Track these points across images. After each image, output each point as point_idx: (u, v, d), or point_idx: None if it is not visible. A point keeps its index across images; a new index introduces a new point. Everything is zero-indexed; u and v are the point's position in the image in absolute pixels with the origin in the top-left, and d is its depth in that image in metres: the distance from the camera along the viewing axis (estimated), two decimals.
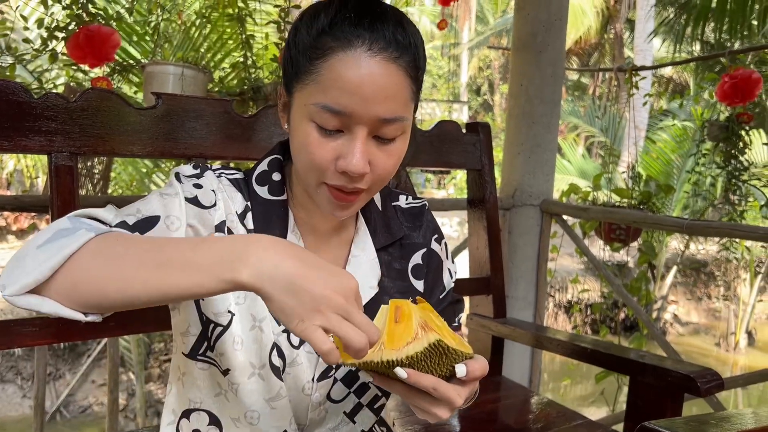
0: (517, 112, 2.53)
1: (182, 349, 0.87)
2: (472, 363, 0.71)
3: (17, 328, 1.16)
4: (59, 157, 1.21)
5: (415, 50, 0.78)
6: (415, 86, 0.80)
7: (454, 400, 0.70)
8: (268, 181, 0.88)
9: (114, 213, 0.76)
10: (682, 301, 10.73)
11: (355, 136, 0.76)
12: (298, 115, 0.79)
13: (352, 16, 0.76)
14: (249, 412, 0.85)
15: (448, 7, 2.61)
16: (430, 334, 0.68)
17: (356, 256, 0.93)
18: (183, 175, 0.84)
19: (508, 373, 2.44)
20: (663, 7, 5.12)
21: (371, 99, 0.74)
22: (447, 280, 1.02)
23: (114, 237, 0.67)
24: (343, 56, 0.74)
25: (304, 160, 0.79)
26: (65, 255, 0.63)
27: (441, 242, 1.03)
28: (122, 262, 0.64)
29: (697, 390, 1.32)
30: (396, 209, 1.00)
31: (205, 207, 0.82)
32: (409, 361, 0.68)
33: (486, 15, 22.47)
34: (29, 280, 0.63)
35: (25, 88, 1.19)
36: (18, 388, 5.97)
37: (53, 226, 0.68)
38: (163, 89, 1.90)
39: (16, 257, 0.66)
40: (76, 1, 1.88)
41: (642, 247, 2.65)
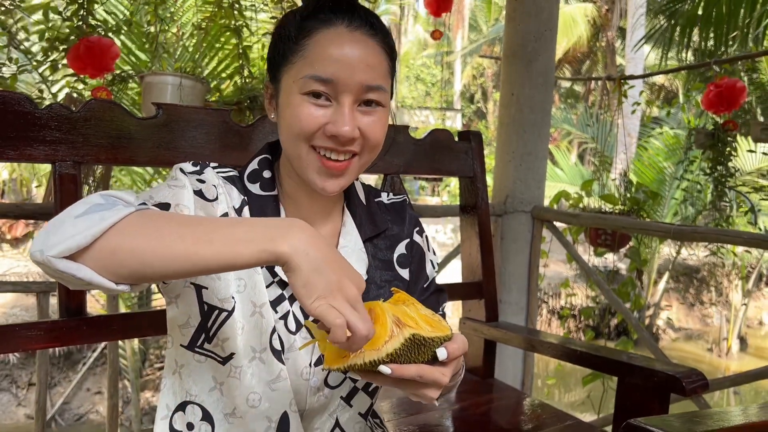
0: (508, 121, 2.58)
1: (181, 341, 0.90)
2: (450, 344, 0.76)
3: (22, 332, 1.19)
4: (63, 165, 1.24)
5: (387, 36, 0.88)
6: (390, 65, 0.88)
7: (440, 380, 0.75)
8: (260, 178, 0.94)
9: (133, 197, 0.79)
10: (675, 306, 10.79)
11: (342, 103, 0.83)
12: (287, 93, 0.86)
13: (331, 4, 0.85)
14: (251, 394, 0.89)
15: (440, 18, 2.66)
16: (404, 330, 0.73)
17: (344, 246, 0.98)
18: (186, 171, 0.89)
19: (501, 376, 2.47)
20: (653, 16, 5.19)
21: (355, 66, 0.82)
22: (429, 270, 1.09)
23: (153, 212, 0.72)
24: (326, 32, 0.83)
25: (295, 129, 0.85)
26: (107, 225, 0.67)
27: (422, 235, 1.09)
28: (164, 235, 0.68)
29: (682, 390, 1.36)
30: (379, 204, 1.07)
31: (209, 200, 0.87)
32: (390, 358, 0.72)
33: (479, 23, 22.60)
34: (71, 244, 0.65)
35: (30, 99, 1.22)
36: (13, 397, 5.96)
37: (88, 200, 0.71)
38: (162, 99, 1.93)
39: (51, 224, 0.68)
40: (77, 13, 1.92)
41: (628, 253, 2.69)
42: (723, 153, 2.63)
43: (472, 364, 1.91)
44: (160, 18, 2.10)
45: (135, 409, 4.82)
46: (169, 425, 0.93)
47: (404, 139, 1.74)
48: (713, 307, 10.77)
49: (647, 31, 4.83)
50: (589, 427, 1.61)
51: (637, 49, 7.52)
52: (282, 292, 0.92)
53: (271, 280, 0.92)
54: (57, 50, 1.93)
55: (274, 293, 0.92)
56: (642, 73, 9.49)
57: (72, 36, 1.93)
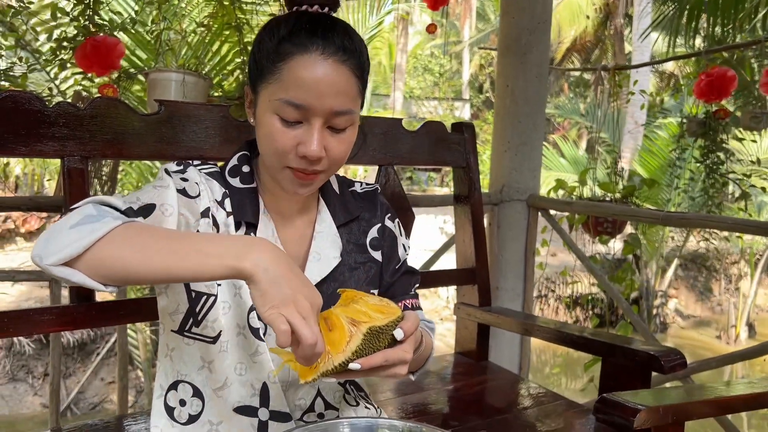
0: (504, 112, 2.64)
1: (171, 327, 1.01)
2: (404, 324, 0.85)
3: (36, 316, 1.27)
4: (71, 160, 1.32)
5: (359, 55, 0.94)
6: (360, 85, 0.95)
7: (404, 357, 0.84)
8: (239, 173, 1.03)
9: (122, 201, 0.88)
10: (684, 294, 10.80)
11: (312, 126, 0.91)
12: (263, 109, 0.93)
13: (307, 26, 0.91)
14: (238, 364, 1.00)
15: (437, 11, 2.72)
16: (361, 327, 0.82)
17: (320, 232, 1.08)
18: (170, 170, 0.98)
19: (498, 361, 2.55)
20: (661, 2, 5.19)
21: (325, 94, 0.89)
22: (401, 253, 1.18)
23: (137, 226, 0.81)
24: (300, 59, 0.89)
25: (269, 147, 0.94)
26: (97, 236, 0.76)
27: (394, 220, 1.18)
28: (145, 247, 0.77)
29: (661, 368, 1.42)
30: (353, 193, 1.16)
31: (191, 197, 0.96)
32: (356, 355, 0.81)
33: (487, 12, 22.52)
34: (65, 254, 0.75)
35: (40, 98, 1.29)
36: (29, 387, 6.10)
37: (81, 211, 0.80)
38: (166, 95, 2.01)
39: (49, 232, 0.78)
40: (83, 13, 2.00)
41: (627, 239, 2.75)
42: (715, 141, 2.69)
43: (466, 348, 1.98)
44: (164, 16, 2.17)
45: (148, 398, 4.94)
46: (164, 403, 1.04)
47: (398, 131, 1.81)
48: (722, 294, 10.78)
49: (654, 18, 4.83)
50: (578, 406, 1.67)
51: (644, 38, 7.51)
52: None
53: None
54: (65, 49, 2.01)
55: None
56: (649, 60, 9.46)
57: (79, 35, 2.01)
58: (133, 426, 1.37)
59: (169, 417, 1.03)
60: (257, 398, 1.00)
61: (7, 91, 1.26)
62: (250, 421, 1.00)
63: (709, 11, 3.84)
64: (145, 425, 1.37)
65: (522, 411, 1.60)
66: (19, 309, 1.29)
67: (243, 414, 1.00)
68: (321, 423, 0.89)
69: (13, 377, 6.06)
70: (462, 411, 1.60)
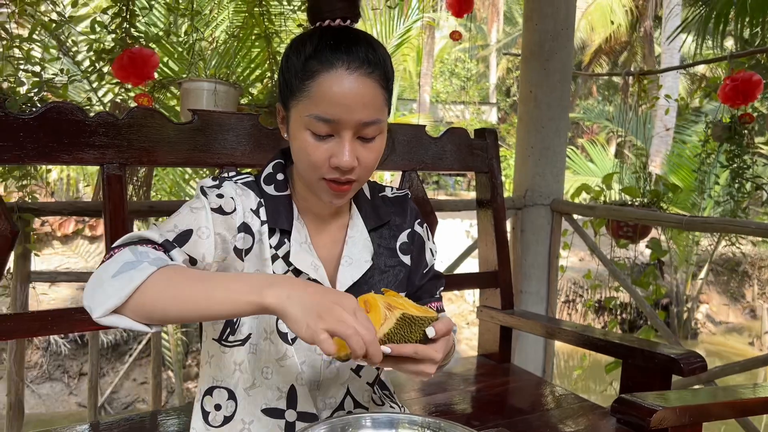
0: (527, 117, 2.67)
1: (212, 335, 1.08)
2: (437, 324, 0.89)
3: (77, 315, 1.35)
4: (110, 167, 1.39)
5: (384, 66, 0.98)
6: (386, 94, 0.99)
7: (434, 356, 0.88)
8: (274, 181, 1.08)
9: (158, 233, 0.94)
10: (716, 300, 10.61)
11: (343, 138, 0.95)
12: (296, 125, 0.98)
13: (331, 42, 0.95)
14: (265, 368, 1.05)
15: (462, 18, 2.76)
16: (395, 312, 0.86)
17: (352, 236, 1.12)
18: (206, 187, 1.02)
19: (522, 363, 2.57)
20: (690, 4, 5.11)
21: (353, 107, 0.93)
22: (429, 257, 1.22)
23: (170, 270, 0.86)
24: (327, 75, 0.93)
25: (304, 161, 0.99)
26: (135, 285, 0.81)
27: (423, 225, 1.22)
28: (178, 293, 0.83)
29: (680, 371, 1.44)
30: (383, 198, 1.20)
31: (227, 213, 1.00)
32: (388, 338, 0.85)
33: (515, 15, 22.42)
34: (109, 305, 0.81)
35: (81, 108, 1.37)
36: (65, 386, 6.26)
37: (120, 258, 0.86)
38: (198, 104, 2.08)
39: (94, 284, 0.85)
40: (120, 26, 2.09)
41: (650, 244, 2.75)
42: (741, 145, 2.68)
43: (489, 350, 2.01)
44: (196, 28, 2.25)
45: (179, 398, 5.04)
46: (201, 408, 1.10)
47: (422, 137, 1.85)
48: (755, 300, 10.56)
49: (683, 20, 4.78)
50: (601, 408, 1.69)
51: (672, 40, 7.43)
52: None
53: (286, 268, 1.05)
54: (103, 60, 2.09)
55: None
56: (678, 63, 9.35)
57: (116, 47, 2.10)
58: (167, 421, 1.44)
59: (204, 421, 1.09)
60: (284, 401, 1.05)
61: (52, 102, 1.34)
62: (277, 423, 1.05)
63: (737, 13, 3.79)
64: (178, 421, 1.43)
65: (544, 412, 1.62)
66: (61, 308, 1.35)
67: (270, 416, 1.05)
68: (343, 417, 0.94)
69: (49, 377, 6.22)
70: (484, 411, 1.63)
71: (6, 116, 1.26)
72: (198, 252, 0.96)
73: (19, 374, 1.80)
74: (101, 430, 1.38)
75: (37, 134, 1.29)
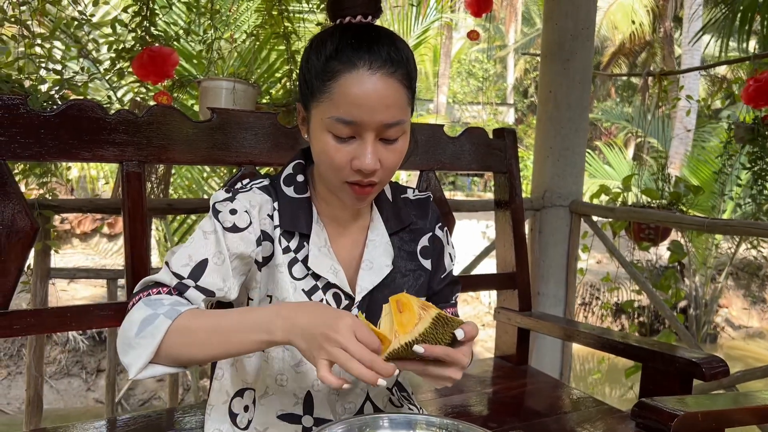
0: (546, 118, 2.65)
1: None
2: (466, 326, 0.88)
3: (96, 311, 1.35)
4: (129, 165, 1.39)
5: (407, 64, 0.95)
6: (409, 94, 0.96)
7: (463, 361, 0.87)
8: (294, 182, 1.06)
9: (170, 275, 0.95)
10: (735, 304, 10.47)
11: (365, 140, 0.93)
12: (317, 127, 0.96)
13: (353, 41, 0.92)
14: (279, 376, 1.04)
15: (480, 18, 2.74)
16: (430, 311, 0.85)
17: (372, 240, 1.10)
18: (218, 203, 1.01)
19: (540, 366, 2.55)
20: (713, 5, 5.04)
21: (375, 108, 0.91)
22: (448, 262, 1.20)
23: (185, 319, 0.89)
24: (348, 76, 0.90)
25: (326, 163, 0.97)
26: (157, 343, 0.86)
27: (443, 229, 1.20)
28: (197, 340, 0.88)
29: (702, 375, 1.41)
30: (405, 200, 1.18)
31: (242, 229, 0.99)
32: (422, 338, 0.83)
33: (533, 16, 22.31)
34: (140, 364, 0.87)
35: (101, 106, 1.37)
36: (83, 382, 6.31)
37: (137, 317, 0.89)
38: (217, 102, 2.09)
39: (123, 344, 0.89)
40: (140, 25, 2.10)
41: (671, 246, 2.72)
42: (764, 147, 2.63)
43: (506, 352, 1.99)
44: (215, 27, 2.26)
45: (194, 395, 5.07)
46: (228, 409, 1.10)
47: (440, 137, 1.84)
48: None
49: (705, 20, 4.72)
50: (619, 412, 1.67)
51: (695, 41, 7.34)
52: (315, 282, 1.05)
53: (306, 272, 1.04)
54: (123, 59, 2.11)
55: (309, 284, 1.04)
56: (699, 64, 9.24)
57: (136, 45, 2.11)
58: (184, 418, 1.44)
59: (232, 422, 1.09)
60: (300, 406, 1.05)
61: (73, 100, 1.34)
62: (294, 428, 1.05)
63: (762, 13, 3.73)
64: (195, 418, 1.43)
65: (562, 415, 1.60)
66: (81, 305, 1.36)
67: (287, 421, 1.05)
68: (361, 417, 0.93)
69: (67, 372, 6.28)
70: (501, 413, 1.62)
71: (28, 113, 1.27)
72: (215, 282, 0.96)
73: (38, 369, 1.81)
74: (118, 426, 1.39)
75: (58, 131, 1.30)
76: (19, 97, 1.26)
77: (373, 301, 1.07)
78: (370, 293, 1.07)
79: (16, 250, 1.25)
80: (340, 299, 1.06)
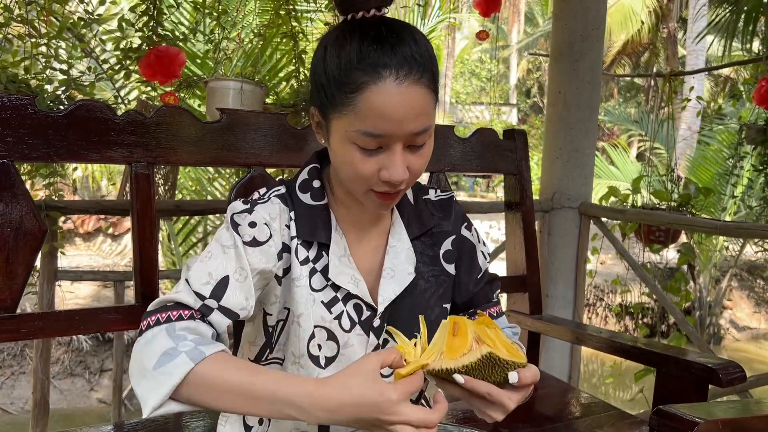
0: (555, 119, 2.63)
1: (249, 355, 1.05)
2: (523, 371, 0.83)
3: (104, 315, 1.33)
4: (138, 166, 1.37)
5: (430, 63, 0.90)
6: (435, 96, 0.92)
7: (507, 404, 0.83)
8: (310, 188, 1.02)
9: (192, 295, 0.89)
10: (740, 305, 10.43)
11: (393, 150, 0.89)
12: (339, 138, 0.91)
13: (375, 47, 0.86)
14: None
15: (488, 17, 2.72)
16: (482, 347, 0.80)
17: (393, 246, 1.06)
18: (236, 215, 0.96)
19: (549, 369, 2.53)
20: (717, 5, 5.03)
21: (404, 120, 0.86)
22: (482, 261, 1.15)
23: (208, 368, 0.82)
24: (375, 88, 0.85)
25: (351, 174, 0.93)
26: (174, 384, 0.80)
27: (471, 228, 1.15)
28: (217, 394, 0.81)
29: (719, 381, 1.39)
30: (426, 202, 1.13)
31: (262, 243, 0.95)
32: (465, 369, 0.80)
33: (536, 16, 22.29)
34: (156, 402, 0.80)
35: (109, 107, 1.35)
36: (86, 382, 6.30)
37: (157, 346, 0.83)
38: (224, 103, 2.07)
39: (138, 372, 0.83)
40: (147, 25, 2.09)
41: (681, 248, 2.70)
42: None
43: None
44: (222, 26, 2.25)
45: None
46: (243, 422, 1.07)
47: (450, 138, 1.82)
48: None
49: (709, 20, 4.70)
50: (631, 417, 1.65)
51: (698, 41, 7.32)
52: (335, 294, 1.01)
53: (325, 283, 1.00)
54: (130, 59, 2.09)
55: (328, 295, 1.01)
56: (704, 65, 9.21)
57: (143, 45, 2.10)
58: (192, 423, 1.42)
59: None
60: (315, 426, 1.01)
61: (81, 101, 1.32)
62: None
63: (767, 13, 3.71)
64: (203, 423, 1.41)
65: (573, 420, 1.59)
66: (89, 308, 1.35)
67: None
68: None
69: (71, 373, 6.28)
70: (512, 419, 1.57)
71: (36, 114, 1.25)
72: (238, 301, 0.91)
73: (44, 372, 1.80)
74: (125, 431, 1.37)
75: (66, 132, 1.28)
76: (27, 97, 1.24)
77: (396, 310, 1.03)
78: (392, 303, 1.03)
79: (24, 252, 1.24)
80: (362, 310, 1.02)
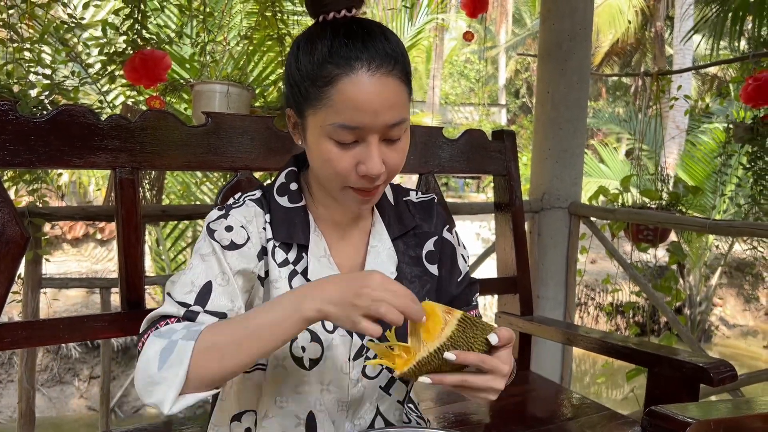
0: (544, 119, 2.63)
1: None
2: (500, 331, 0.84)
3: (90, 323, 1.32)
4: (123, 171, 1.35)
5: (402, 57, 0.91)
6: (408, 89, 0.93)
7: (501, 367, 0.82)
8: (287, 191, 1.02)
9: (175, 305, 0.90)
10: (729, 303, 10.51)
11: (369, 143, 0.89)
12: (315, 134, 0.91)
13: (346, 41, 0.87)
14: (278, 398, 1.00)
15: (476, 18, 2.72)
16: (455, 313, 0.81)
17: (374, 246, 1.06)
18: (212, 223, 0.96)
19: (540, 370, 2.52)
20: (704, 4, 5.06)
21: (378, 111, 0.87)
22: (462, 265, 1.15)
23: (208, 334, 0.83)
24: (347, 80, 0.86)
25: (328, 171, 0.92)
26: (186, 367, 0.80)
27: (452, 231, 1.16)
28: (227, 350, 0.82)
29: (710, 380, 1.39)
30: (408, 203, 1.13)
31: (241, 246, 0.95)
32: (451, 342, 0.79)
33: (523, 17, 22.37)
34: (172, 395, 0.80)
35: (93, 111, 1.33)
36: (75, 389, 6.26)
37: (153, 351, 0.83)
38: (210, 106, 2.05)
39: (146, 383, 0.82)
40: (132, 28, 2.06)
41: (670, 247, 2.70)
42: (763, 146, 2.62)
43: None
44: (208, 29, 2.23)
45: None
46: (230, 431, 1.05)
47: (438, 140, 1.81)
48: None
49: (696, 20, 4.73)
50: (622, 417, 1.64)
51: (686, 41, 7.36)
52: None
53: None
54: (114, 63, 2.07)
55: None
56: (691, 64, 9.27)
57: (128, 49, 2.07)
58: (183, 430, 1.40)
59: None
60: (303, 427, 1.00)
61: (63, 106, 1.31)
62: None
63: (754, 12, 3.73)
64: (192, 431, 1.40)
65: (565, 422, 1.58)
66: (74, 316, 1.33)
67: None
68: (367, 431, 0.90)
69: (60, 380, 6.23)
70: (504, 421, 1.59)
71: (17, 119, 1.23)
72: (223, 303, 0.91)
73: (30, 382, 1.77)
74: None
75: (49, 138, 1.26)
76: (8, 102, 1.23)
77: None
78: None
79: (6, 261, 1.22)
80: None
